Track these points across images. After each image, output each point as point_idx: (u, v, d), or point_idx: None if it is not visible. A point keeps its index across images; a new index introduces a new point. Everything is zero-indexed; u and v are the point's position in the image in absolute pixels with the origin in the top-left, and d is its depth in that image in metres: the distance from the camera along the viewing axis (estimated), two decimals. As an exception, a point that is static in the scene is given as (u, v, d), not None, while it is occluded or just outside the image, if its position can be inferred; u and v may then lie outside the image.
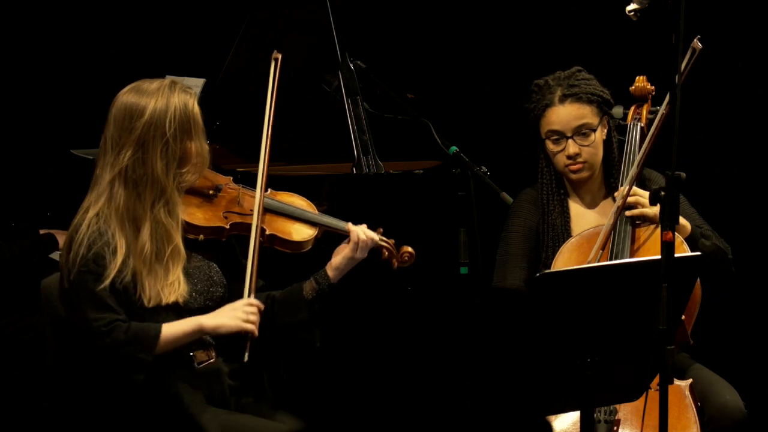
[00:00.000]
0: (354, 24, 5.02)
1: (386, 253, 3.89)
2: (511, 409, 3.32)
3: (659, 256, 3.11)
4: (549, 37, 5.64)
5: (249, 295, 3.67)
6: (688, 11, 3.09)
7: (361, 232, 3.80)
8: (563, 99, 4.06)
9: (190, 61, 5.34)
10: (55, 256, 4.71)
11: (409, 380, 4.66)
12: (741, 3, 5.40)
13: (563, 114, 4.05)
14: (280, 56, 3.96)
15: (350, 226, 3.83)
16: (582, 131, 4.05)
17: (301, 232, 3.85)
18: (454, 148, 4.74)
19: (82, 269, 3.51)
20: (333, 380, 4.51)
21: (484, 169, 4.72)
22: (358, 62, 4.93)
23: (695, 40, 3.82)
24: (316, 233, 3.86)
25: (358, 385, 4.65)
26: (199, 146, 3.64)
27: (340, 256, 3.79)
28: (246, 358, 3.60)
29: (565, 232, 4.09)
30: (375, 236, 3.83)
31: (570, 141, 4.05)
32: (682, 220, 3.98)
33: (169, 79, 3.68)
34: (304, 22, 4.93)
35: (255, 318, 3.60)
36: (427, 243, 4.59)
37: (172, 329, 3.53)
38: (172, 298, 3.58)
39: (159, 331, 3.51)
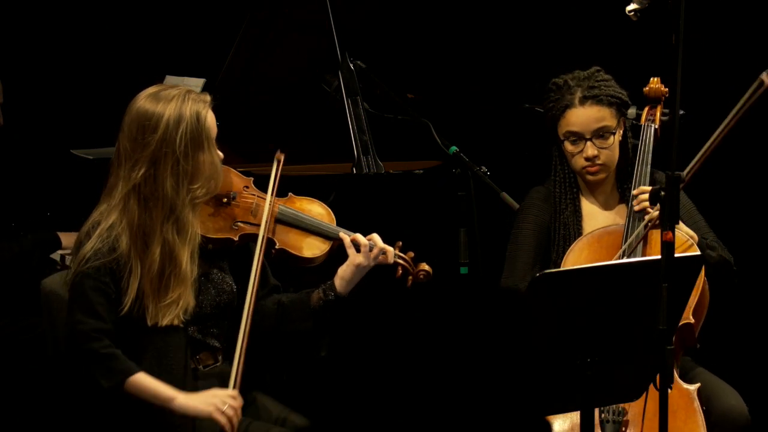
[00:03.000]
0: (354, 24, 5.02)
1: (401, 270, 3.80)
2: (511, 409, 3.32)
3: (659, 256, 3.12)
4: (549, 37, 5.64)
5: (234, 387, 3.52)
6: (688, 11, 3.09)
7: (360, 236, 3.74)
8: (583, 101, 4.03)
9: (190, 61, 5.34)
10: (56, 256, 4.70)
11: (409, 380, 4.66)
12: (741, 3, 5.41)
13: (583, 116, 4.04)
14: None
15: (357, 235, 3.75)
16: (601, 134, 4.04)
17: (313, 248, 3.77)
18: (454, 148, 4.74)
19: (82, 271, 3.48)
20: (334, 380, 4.51)
21: (484, 169, 4.72)
22: (358, 62, 4.92)
23: (764, 73, 3.73)
24: (328, 248, 3.78)
25: (359, 385, 4.64)
26: (211, 158, 3.56)
27: (345, 263, 3.74)
28: None
29: (576, 232, 4.09)
30: (388, 247, 3.75)
31: (589, 143, 4.04)
32: (690, 231, 3.99)
33: (185, 87, 3.60)
34: (304, 22, 4.93)
35: (231, 413, 3.47)
36: (427, 243, 4.60)
37: (145, 383, 3.46)
38: (165, 321, 3.52)
39: (132, 372, 3.45)
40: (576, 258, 3.97)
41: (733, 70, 5.45)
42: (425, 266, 3.84)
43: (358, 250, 3.74)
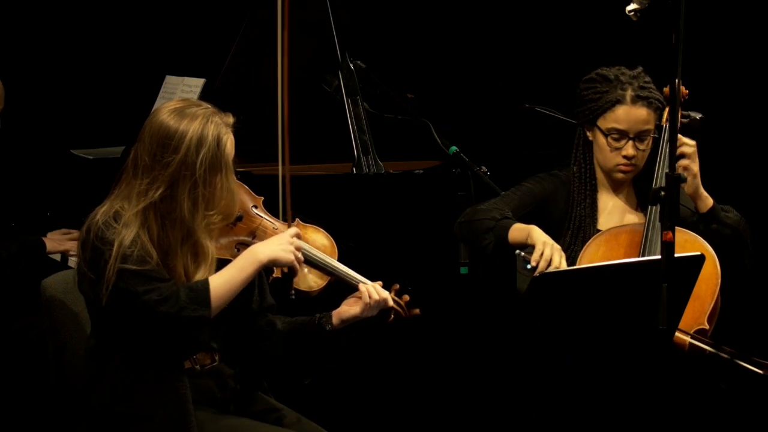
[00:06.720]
0: (354, 24, 5.02)
1: (392, 317, 3.71)
2: (511, 409, 3.32)
3: (659, 256, 3.12)
4: (549, 37, 5.64)
5: (289, 224, 3.59)
6: (688, 11, 3.10)
7: (373, 291, 3.65)
8: (635, 100, 4.02)
9: (190, 61, 5.34)
10: (56, 256, 4.70)
11: (409, 380, 4.66)
12: (741, 3, 5.41)
13: (633, 115, 4.02)
14: None
15: (362, 285, 3.66)
16: (643, 136, 4.04)
17: (310, 281, 3.72)
18: (454, 148, 4.74)
19: (121, 263, 3.40)
20: (332, 379, 4.51)
21: (484, 169, 4.72)
22: (358, 62, 4.93)
23: None
24: (325, 283, 3.73)
25: (358, 384, 4.65)
26: (228, 184, 3.53)
27: (347, 306, 3.66)
28: (293, 295, 3.58)
29: (592, 225, 4.09)
30: (387, 296, 3.67)
31: (630, 142, 4.03)
32: (705, 193, 4.01)
33: (211, 108, 3.55)
34: (304, 22, 4.93)
35: (300, 256, 3.57)
36: (427, 243, 4.60)
37: (220, 276, 3.46)
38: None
39: (207, 284, 3.43)
40: (593, 254, 3.96)
41: (734, 70, 5.47)
42: (417, 312, 3.75)
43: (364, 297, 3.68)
